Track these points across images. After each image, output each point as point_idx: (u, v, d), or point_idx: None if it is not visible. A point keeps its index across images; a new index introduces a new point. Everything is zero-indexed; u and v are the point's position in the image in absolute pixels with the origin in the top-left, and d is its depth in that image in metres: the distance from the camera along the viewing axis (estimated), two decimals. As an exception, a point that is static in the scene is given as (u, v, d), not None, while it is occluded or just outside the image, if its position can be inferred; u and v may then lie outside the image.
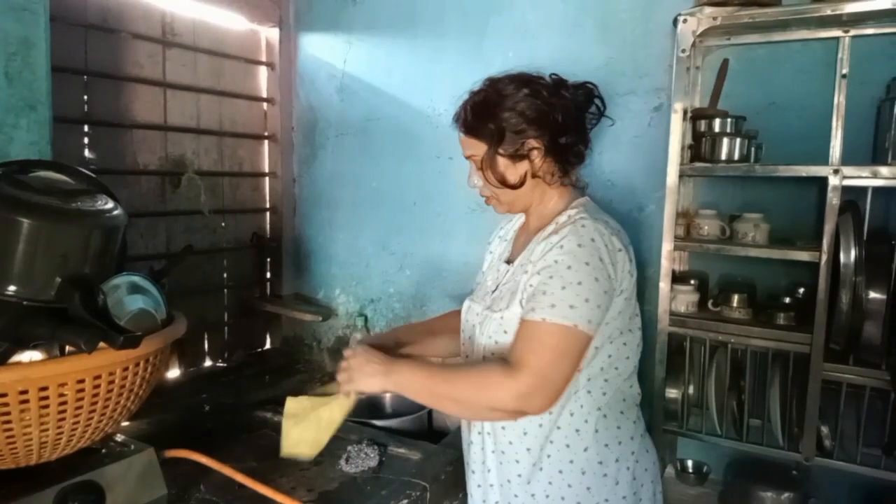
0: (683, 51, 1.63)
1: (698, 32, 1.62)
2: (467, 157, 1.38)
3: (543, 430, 1.30)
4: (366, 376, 1.29)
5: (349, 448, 1.66)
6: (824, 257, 1.50)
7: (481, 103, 1.33)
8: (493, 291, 1.40)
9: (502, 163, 1.31)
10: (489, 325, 1.33)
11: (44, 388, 1.05)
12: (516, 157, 1.31)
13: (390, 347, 1.49)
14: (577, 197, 1.40)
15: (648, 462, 1.38)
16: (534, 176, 1.33)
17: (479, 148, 1.32)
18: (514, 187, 1.33)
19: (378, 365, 1.29)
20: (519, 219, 1.53)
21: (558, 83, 1.35)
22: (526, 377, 1.15)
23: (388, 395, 2.25)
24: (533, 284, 1.23)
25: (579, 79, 1.41)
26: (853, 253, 1.45)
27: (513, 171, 1.32)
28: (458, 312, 1.53)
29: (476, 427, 1.40)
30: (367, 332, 2.45)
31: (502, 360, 1.22)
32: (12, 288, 1.07)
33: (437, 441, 1.81)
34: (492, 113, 1.30)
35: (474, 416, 1.34)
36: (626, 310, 1.29)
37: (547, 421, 1.29)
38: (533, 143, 1.30)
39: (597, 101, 1.39)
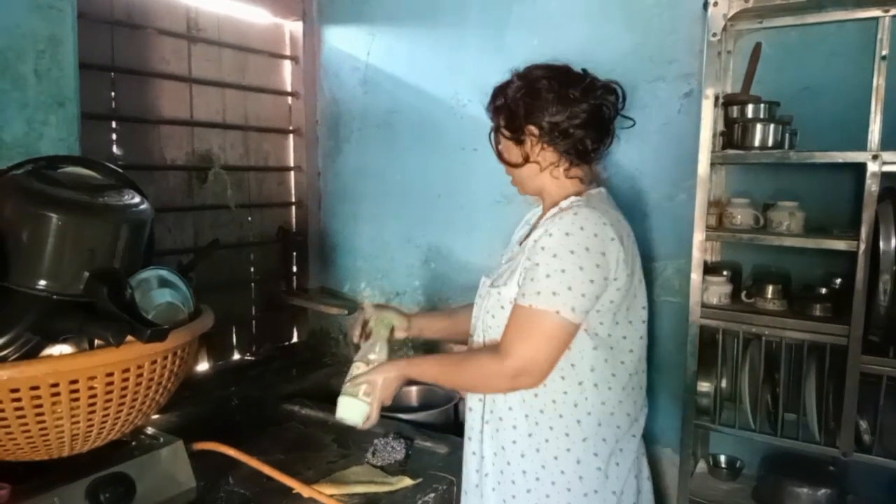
0: (714, 35, 1.58)
1: (729, 16, 1.57)
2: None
3: (545, 415, 1.33)
4: (386, 388, 1.40)
5: (375, 441, 1.66)
6: (862, 246, 1.45)
7: (499, 88, 1.43)
8: (501, 268, 1.47)
9: (504, 141, 1.42)
10: (489, 300, 1.41)
11: (74, 381, 1.06)
12: (516, 139, 1.39)
13: (411, 321, 1.64)
14: (589, 188, 1.42)
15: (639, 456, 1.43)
16: (532, 160, 1.39)
17: (491, 127, 1.45)
18: (514, 165, 1.42)
19: (389, 372, 1.41)
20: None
21: (575, 79, 1.39)
22: (513, 360, 1.26)
23: (414, 389, 2.25)
24: (526, 268, 1.31)
25: (606, 66, 1.45)
26: (894, 241, 1.40)
27: (514, 152, 1.41)
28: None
29: (477, 395, 1.44)
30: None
31: (493, 347, 1.34)
32: (42, 282, 1.09)
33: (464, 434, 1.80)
34: (504, 95, 1.41)
35: (479, 394, 1.44)
36: (622, 302, 1.31)
37: (549, 407, 1.33)
38: (532, 129, 1.37)
39: (610, 98, 1.40)
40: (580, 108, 1.35)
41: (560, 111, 1.34)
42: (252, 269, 2.48)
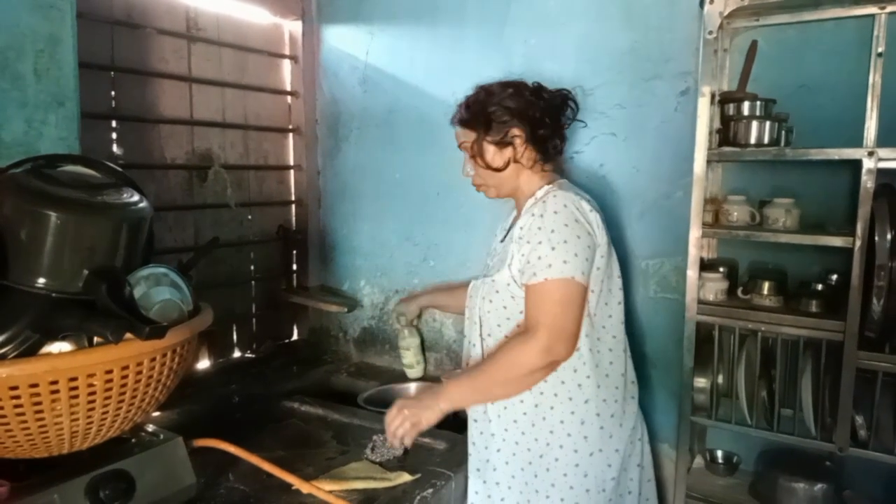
0: (710, 33, 1.59)
1: (725, 14, 1.58)
2: (460, 146, 1.60)
3: (548, 384, 1.45)
4: (425, 409, 1.45)
5: (374, 437, 1.67)
6: (858, 242, 1.45)
7: (473, 100, 1.57)
8: (490, 264, 1.64)
9: (489, 149, 1.53)
10: (483, 288, 1.55)
11: (73, 379, 1.07)
12: (501, 143, 1.52)
13: (422, 306, 2.10)
14: (555, 178, 1.58)
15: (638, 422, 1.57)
16: (516, 161, 1.53)
17: (469, 135, 1.55)
18: (498, 170, 1.53)
19: (428, 399, 1.47)
20: (514, 210, 1.72)
21: (538, 88, 1.57)
22: (543, 333, 1.36)
23: (412, 385, 2.26)
24: (524, 253, 1.42)
25: (603, 64, 1.81)
26: (889, 237, 1.41)
27: (499, 156, 1.53)
28: None
29: None
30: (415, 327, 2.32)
31: (517, 334, 1.45)
32: (42, 280, 1.09)
33: (462, 430, 1.80)
34: (481, 106, 1.54)
35: (521, 387, 1.46)
36: (604, 267, 1.47)
37: (551, 377, 1.45)
38: (516, 131, 1.51)
39: (570, 104, 1.60)
40: (551, 108, 1.54)
41: (538, 112, 1.52)
42: (252, 268, 2.49)
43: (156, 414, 1.66)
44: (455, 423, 1.98)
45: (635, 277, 1.96)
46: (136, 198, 1.24)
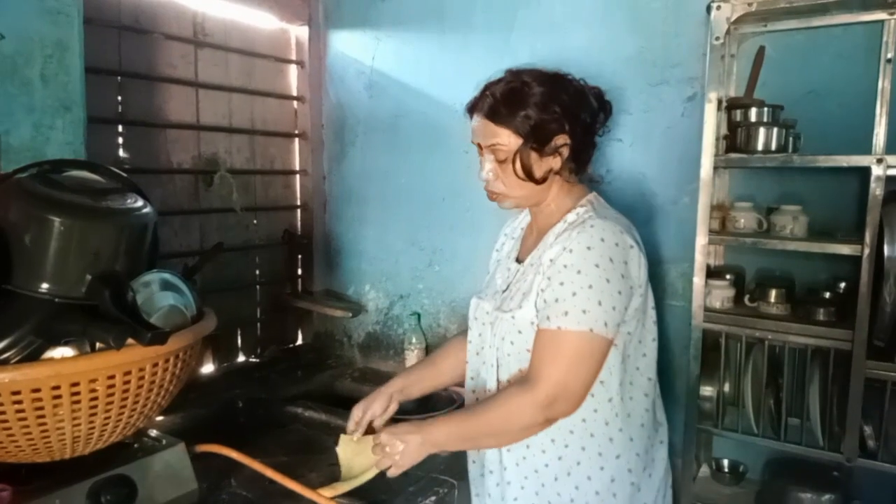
0: (717, 38, 1.58)
1: (732, 19, 1.57)
2: (487, 146, 1.30)
3: (575, 436, 1.28)
4: (409, 454, 1.25)
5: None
6: (867, 250, 1.44)
7: (515, 93, 1.28)
8: (504, 291, 1.38)
9: (533, 157, 1.28)
10: (501, 326, 1.32)
11: (75, 384, 1.07)
12: (546, 152, 1.28)
13: (394, 394, 1.51)
14: (585, 193, 1.37)
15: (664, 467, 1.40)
16: (556, 172, 1.31)
17: (508, 138, 1.27)
18: (538, 182, 1.29)
19: (412, 436, 1.24)
20: (525, 216, 1.50)
21: (583, 85, 1.35)
22: (544, 388, 1.18)
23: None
24: (544, 289, 1.23)
25: (609, 69, 1.62)
26: (898, 245, 1.39)
27: (540, 166, 1.29)
28: (458, 339, 1.55)
29: None
30: (421, 332, 2.38)
31: (519, 381, 1.24)
32: (45, 285, 1.10)
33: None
34: (527, 105, 1.26)
35: (511, 441, 1.29)
36: (640, 305, 1.28)
37: (579, 428, 1.28)
38: (564, 139, 1.28)
39: (607, 105, 1.37)
40: (594, 111, 1.33)
41: (588, 117, 1.31)
42: (257, 272, 2.49)
43: (159, 418, 1.66)
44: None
45: (641, 284, 1.95)
46: (140, 203, 1.24)
